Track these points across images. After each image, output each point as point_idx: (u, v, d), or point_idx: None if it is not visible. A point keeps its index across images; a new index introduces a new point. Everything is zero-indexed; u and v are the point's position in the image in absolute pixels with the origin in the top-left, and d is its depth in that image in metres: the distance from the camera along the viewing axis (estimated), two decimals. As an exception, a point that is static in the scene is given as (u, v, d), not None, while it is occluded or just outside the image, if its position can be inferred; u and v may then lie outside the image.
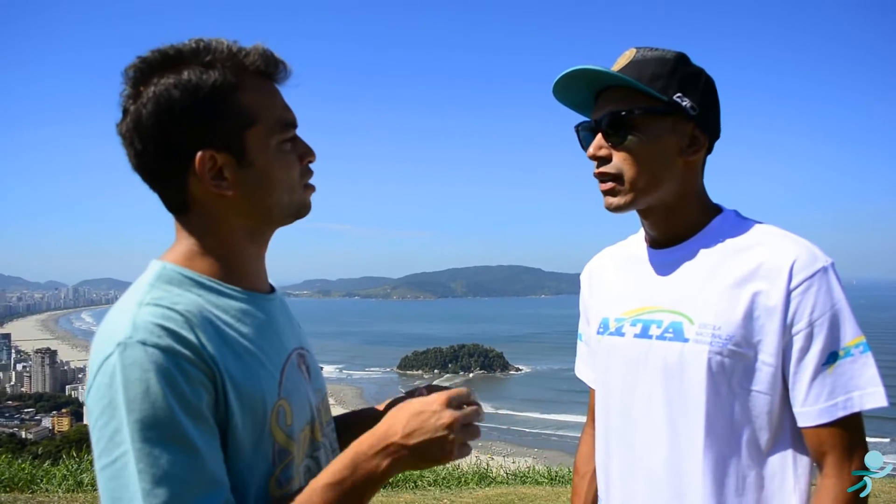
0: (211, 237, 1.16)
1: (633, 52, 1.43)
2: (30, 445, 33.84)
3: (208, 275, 1.14)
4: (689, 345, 1.38)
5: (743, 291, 1.35)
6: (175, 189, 1.14)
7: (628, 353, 1.49)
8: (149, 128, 1.09)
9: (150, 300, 1.05)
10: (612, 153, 1.42)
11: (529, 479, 7.07)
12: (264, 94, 1.17)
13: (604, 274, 1.69)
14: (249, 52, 1.15)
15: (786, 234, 1.40)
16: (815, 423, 1.32)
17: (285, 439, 1.12)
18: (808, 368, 1.31)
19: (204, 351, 1.01)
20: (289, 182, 1.19)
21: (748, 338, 1.34)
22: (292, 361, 1.22)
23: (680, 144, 1.42)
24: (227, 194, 1.13)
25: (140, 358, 0.95)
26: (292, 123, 1.21)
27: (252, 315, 1.16)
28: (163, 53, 1.11)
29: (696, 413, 1.36)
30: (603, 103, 1.44)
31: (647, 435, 1.44)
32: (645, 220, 1.52)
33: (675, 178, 1.43)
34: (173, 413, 0.94)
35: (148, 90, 1.09)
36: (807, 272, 1.31)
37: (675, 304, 1.43)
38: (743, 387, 1.35)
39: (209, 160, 1.11)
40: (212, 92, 1.10)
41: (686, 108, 1.39)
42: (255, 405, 1.07)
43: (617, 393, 1.52)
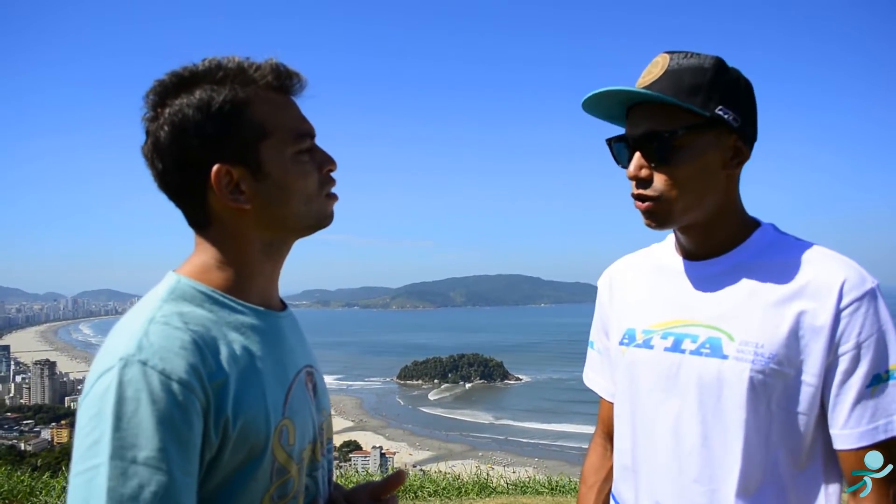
0: (228, 251, 1.18)
1: (667, 60, 1.35)
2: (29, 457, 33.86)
3: (222, 289, 1.16)
4: (728, 362, 1.33)
5: (788, 310, 1.31)
6: (195, 205, 1.17)
7: (657, 367, 1.44)
8: (166, 147, 1.13)
9: (161, 317, 1.06)
10: (653, 173, 1.36)
11: (530, 489, 7.03)
12: (276, 107, 1.19)
13: (627, 282, 1.62)
14: (260, 67, 1.18)
15: (832, 254, 1.37)
16: (855, 445, 1.28)
17: (286, 458, 1.13)
18: (851, 390, 1.28)
19: (206, 376, 1.03)
20: (306, 192, 1.20)
21: (791, 357, 1.30)
22: (300, 380, 1.23)
23: (723, 158, 1.36)
24: (245, 208, 1.16)
25: (138, 378, 0.97)
26: (308, 133, 1.22)
27: (263, 332, 1.18)
28: (178, 76, 1.15)
29: (734, 432, 1.33)
30: (639, 119, 1.37)
31: (676, 452, 1.40)
32: (682, 235, 1.47)
33: (718, 192, 1.38)
34: (157, 439, 0.95)
35: (164, 112, 1.13)
36: (857, 293, 1.29)
37: (712, 319, 1.38)
38: (781, 406, 1.32)
39: (225, 174, 1.13)
40: (223, 107, 1.13)
41: (729, 120, 1.33)
42: (258, 425, 1.08)
43: (642, 408, 1.47)
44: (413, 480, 7.10)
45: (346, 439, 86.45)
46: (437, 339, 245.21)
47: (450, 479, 7.29)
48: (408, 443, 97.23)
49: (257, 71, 1.17)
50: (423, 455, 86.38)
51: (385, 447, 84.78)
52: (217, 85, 1.15)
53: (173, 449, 0.96)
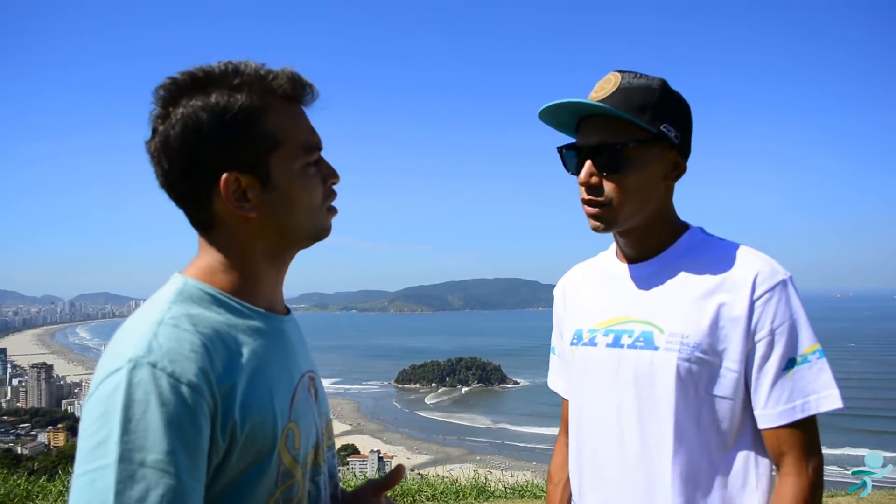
0: (234, 256, 1.18)
1: (618, 78, 1.49)
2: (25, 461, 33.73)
3: (229, 292, 1.16)
4: (659, 353, 1.46)
5: (709, 302, 1.45)
6: (200, 208, 1.17)
7: (601, 362, 1.56)
8: (176, 148, 1.12)
9: (170, 319, 1.06)
10: (602, 181, 1.48)
11: (528, 492, 7.02)
12: (289, 118, 1.19)
13: (577, 288, 1.76)
14: (277, 76, 1.17)
15: (750, 250, 1.50)
16: (775, 424, 1.41)
17: (291, 462, 1.13)
18: (768, 374, 1.41)
19: (214, 379, 1.03)
20: (310, 205, 1.21)
21: (714, 346, 1.43)
22: (303, 384, 1.23)
23: (664, 171, 1.51)
24: (251, 216, 1.16)
25: (147, 380, 0.97)
26: (317, 146, 1.23)
27: (269, 336, 1.18)
28: (192, 75, 1.14)
29: (666, 417, 1.44)
30: (591, 130, 1.50)
31: (618, 440, 1.51)
32: (622, 238, 1.60)
33: (657, 200, 1.53)
34: (166, 442, 0.95)
35: (177, 111, 1.12)
36: (768, 284, 1.42)
37: (645, 314, 1.52)
38: (708, 392, 1.44)
39: (234, 182, 1.13)
40: (238, 115, 1.12)
41: (671, 137, 1.48)
42: (265, 428, 1.08)
43: (590, 401, 1.59)
44: (411, 484, 7.09)
45: (343, 443, 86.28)
46: (434, 342, 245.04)
47: (447, 482, 7.29)
48: (405, 447, 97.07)
49: (274, 80, 1.17)
50: (421, 459, 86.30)
51: (383, 451, 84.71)
52: (233, 90, 1.14)
53: (181, 452, 0.96)
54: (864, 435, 78.92)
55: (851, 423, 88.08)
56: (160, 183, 1.17)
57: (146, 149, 1.17)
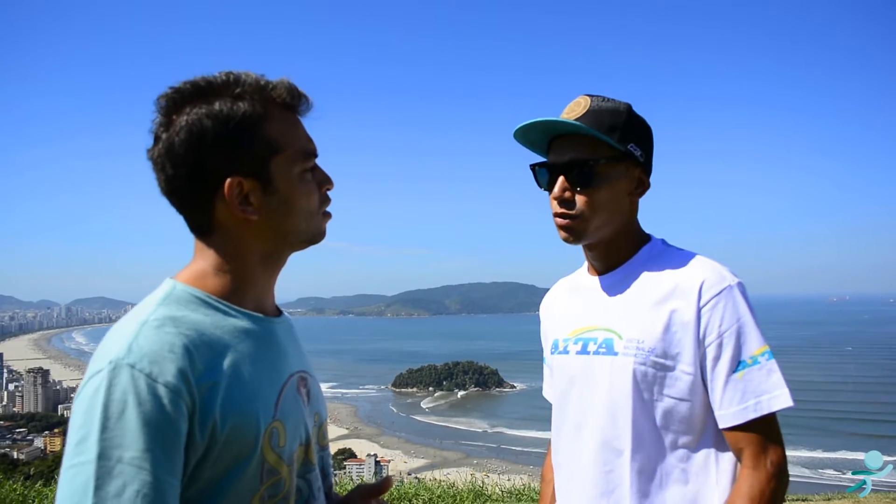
0: (228, 259, 1.22)
1: (588, 101, 1.61)
2: (21, 466, 33.58)
3: (218, 295, 1.20)
4: (618, 358, 1.56)
5: (662, 309, 1.54)
6: (202, 212, 1.21)
7: (571, 369, 1.68)
8: (181, 154, 1.15)
9: (153, 320, 1.09)
10: (575, 196, 1.59)
11: (525, 496, 7.01)
12: (288, 125, 1.25)
13: (557, 302, 1.88)
14: (276, 86, 1.23)
15: (701, 259, 1.60)
16: (731, 424, 1.49)
17: (276, 459, 1.15)
18: (720, 376, 1.49)
19: (194, 379, 1.05)
20: (308, 209, 1.26)
21: (667, 350, 1.52)
22: (292, 384, 1.26)
23: (630, 187, 1.63)
24: (252, 219, 1.20)
25: (125, 381, 1.00)
26: (313, 153, 1.28)
27: (256, 336, 1.21)
28: (195, 85, 1.18)
29: (624, 419, 1.54)
30: (563, 148, 1.62)
31: (585, 442, 1.61)
32: (589, 251, 1.71)
33: (623, 215, 1.64)
34: (142, 440, 0.98)
35: (180, 119, 1.16)
36: (714, 290, 1.50)
37: (607, 322, 1.63)
38: (664, 394, 1.53)
39: (237, 186, 1.17)
40: (241, 122, 1.17)
41: (637, 156, 1.61)
42: (247, 427, 1.10)
43: (564, 405, 1.70)
44: (408, 488, 7.07)
45: (340, 447, 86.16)
46: (431, 346, 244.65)
47: (444, 486, 7.27)
48: (402, 450, 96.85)
49: (273, 90, 1.22)
50: (418, 463, 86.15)
51: (380, 455, 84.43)
52: (235, 99, 1.18)
53: (158, 450, 0.99)
54: (860, 439, 78.83)
55: (848, 428, 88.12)
56: (163, 189, 1.20)
57: (148, 156, 1.20)
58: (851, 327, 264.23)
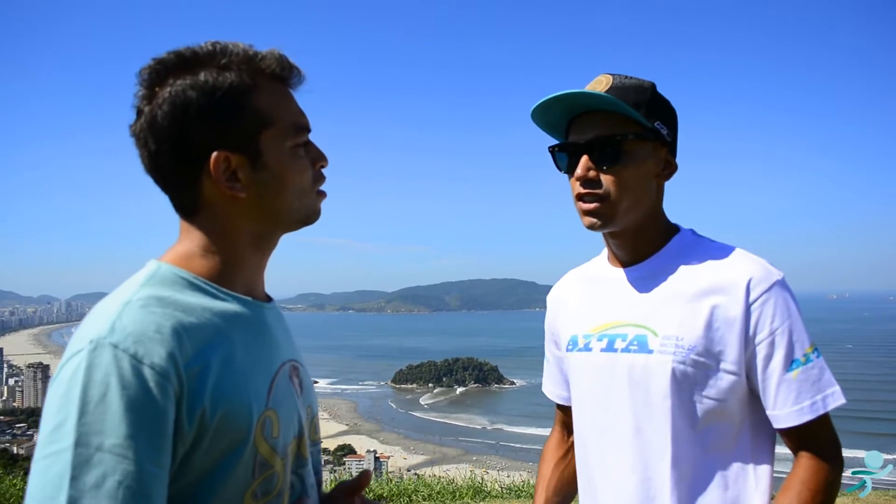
0: (216, 240, 1.15)
1: (610, 79, 1.50)
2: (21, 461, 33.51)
3: (205, 277, 1.12)
4: (653, 356, 1.47)
5: (703, 304, 1.45)
6: (187, 190, 1.14)
7: (595, 367, 1.57)
8: (164, 128, 1.08)
9: (138, 299, 1.02)
10: (600, 175, 1.48)
11: (524, 493, 7.02)
12: (279, 98, 1.17)
13: (570, 295, 1.77)
14: (265, 56, 1.16)
15: (741, 252, 1.52)
16: (788, 424, 1.42)
17: (269, 451, 1.09)
18: (773, 376, 1.42)
19: (182, 362, 0.98)
20: (301, 186, 1.19)
21: (709, 348, 1.43)
22: (284, 372, 1.19)
23: (657, 168, 1.53)
24: (240, 196, 1.13)
25: (108, 361, 0.93)
26: (306, 127, 1.21)
27: (246, 320, 1.14)
28: (178, 55, 1.11)
29: (662, 421, 1.45)
30: (586, 126, 1.50)
31: (616, 444, 1.52)
32: (614, 240, 1.60)
33: (650, 199, 1.53)
34: (125, 425, 0.90)
35: (164, 91, 1.09)
36: (763, 286, 1.43)
37: (639, 318, 1.52)
38: (705, 394, 1.44)
39: (224, 161, 1.11)
40: (228, 93, 1.10)
41: (664, 135, 1.51)
42: (239, 415, 1.03)
43: (588, 406, 1.61)
44: (408, 484, 7.11)
45: (340, 443, 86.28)
46: (431, 343, 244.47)
47: (444, 483, 7.31)
48: (402, 447, 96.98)
49: (262, 60, 1.15)
50: (418, 459, 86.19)
51: (379, 451, 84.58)
52: (221, 69, 1.11)
53: (142, 437, 0.91)
54: (861, 437, 78.74)
55: (848, 426, 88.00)
56: (146, 166, 1.14)
57: (130, 132, 1.13)
58: (852, 325, 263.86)
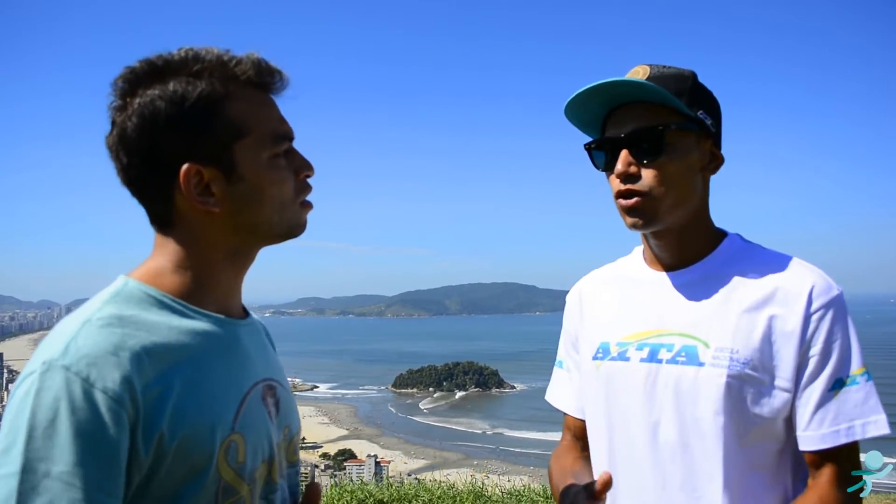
0: (189, 255, 1.11)
1: (648, 69, 1.39)
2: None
3: (175, 294, 1.08)
4: (704, 369, 1.35)
5: (760, 315, 1.34)
6: (160, 204, 1.10)
7: (634, 379, 1.44)
8: (133, 140, 1.05)
9: (98, 318, 0.99)
10: (641, 170, 1.38)
11: (525, 497, 7.00)
12: (255, 105, 1.12)
13: (597, 297, 1.63)
14: (241, 61, 1.11)
15: (799, 261, 1.41)
16: (816, 447, 1.32)
17: (233, 476, 1.04)
18: (814, 393, 1.32)
19: (140, 386, 0.94)
20: (280, 198, 1.14)
21: (765, 362, 1.33)
22: (255, 393, 1.13)
23: (702, 161, 1.42)
24: (214, 211, 1.09)
25: (58, 384, 0.90)
26: (287, 136, 1.15)
27: (216, 340, 1.10)
28: (150, 64, 1.08)
29: (713, 438, 1.34)
30: (625, 119, 1.40)
31: (657, 461, 1.40)
32: (657, 241, 1.48)
33: (696, 195, 1.42)
34: (73, 452, 0.87)
35: (134, 102, 1.06)
36: (824, 299, 1.32)
37: (687, 327, 1.40)
38: (756, 412, 1.34)
39: (195, 175, 1.07)
40: (198, 102, 1.06)
41: (709, 125, 1.40)
42: (200, 440, 0.99)
43: (620, 421, 1.46)
44: (408, 489, 7.09)
45: (340, 448, 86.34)
46: (431, 347, 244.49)
47: (444, 487, 7.28)
48: (402, 451, 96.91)
49: (238, 65, 1.10)
50: (418, 464, 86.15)
51: (380, 456, 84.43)
52: (193, 77, 1.07)
53: (91, 464, 0.88)
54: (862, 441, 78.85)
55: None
56: (121, 179, 1.11)
57: (105, 143, 1.10)
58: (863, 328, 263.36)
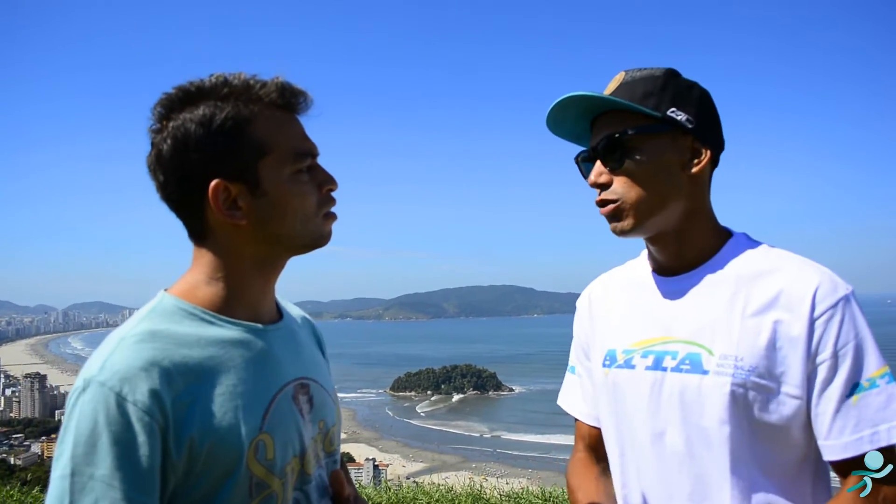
0: (221, 266, 1.21)
1: (623, 75, 1.41)
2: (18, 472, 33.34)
3: (207, 306, 1.19)
4: (709, 377, 1.32)
5: (764, 321, 1.30)
6: (194, 218, 1.21)
7: (639, 387, 1.42)
8: (168, 160, 1.16)
9: (132, 336, 1.09)
10: (612, 178, 1.39)
11: (524, 499, 6.99)
12: (278, 125, 1.21)
13: (606, 303, 1.60)
14: (266, 85, 1.20)
15: (804, 261, 1.36)
16: (841, 456, 1.26)
17: (264, 472, 1.13)
18: (831, 400, 1.26)
19: (169, 397, 1.05)
20: (303, 211, 1.22)
21: (771, 369, 1.29)
22: (286, 394, 1.22)
23: (681, 160, 1.38)
24: (241, 223, 1.18)
25: (96, 398, 1.02)
26: (309, 153, 1.24)
27: (245, 346, 1.19)
28: (184, 90, 1.19)
29: (720, 447, 1.31)
30: (598, 130, 1.41)
31: (664, 471, 1.38)
32: (653, 245, 1.46)
33: (681, 195, 1.39)
34: (111, 458, 1.00)
35: (169, 125, 1.17)
36: (830, 301, 1.27)
37: (691, 334, 1.38)
38: (766, 419, 1.30)
39: (223, 190, 1.16)
40: (224, 124, 1.16)
41: (682, 121, 1.36)
42: (229, 443, 1.09)
43: (628, 429, 1.45)
44: (406, 492, 7.07)
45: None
46: (430, 350, 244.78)
47: (443, 490, 7.26)
48: (401, 454, 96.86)
49: (262, 89, 1.20)
50: (417, 467, 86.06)
51: (378, 459, 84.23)
52: (221, 101, 1.17)
53: (128, 468, 1.01)
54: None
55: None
56: (160, 196, 1.22)
57: (146, 164, 1.22)
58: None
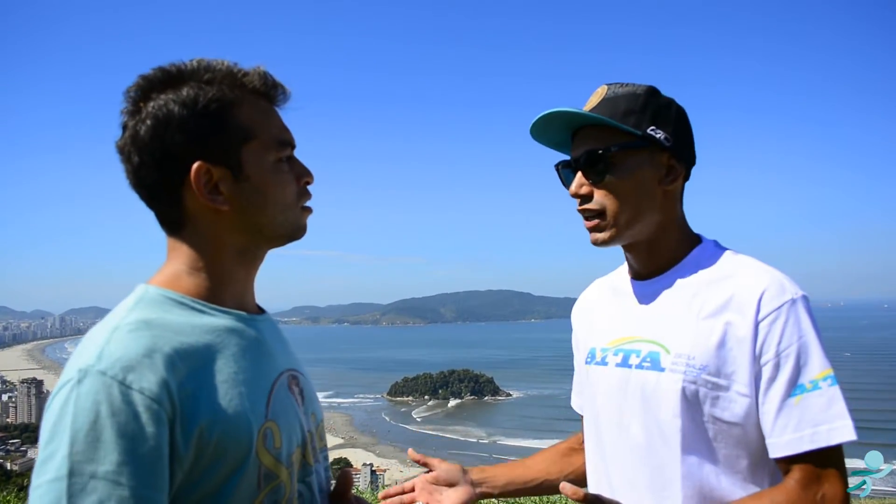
0: (201, 256, 1.17)
1: (605, 90, 1.48)
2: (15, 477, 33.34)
3: (193, 295, 1.14)
4: (665, 374, 1.41)
5: (716, 322, 1.38)
6: (171, 204, 1.15)
7: (610, 382, 1.52)
8: (146, 141, 1.11)
9: (127, 324, 1.03)
10: (594, 190, 1.46)
11: (521, 505, 7.00)
12: (261, 112, 1.20)
13: (593, 306, 1.73)
14: (249, 73, 1.19)
15: (759, 266, 1.43)
16: (782, 454, 1.32)
17: (273, 462, 1.10)
18: (774, 399, 1.33)
19: (175, 385, 0.99)
20: (283, 201, 1.20)
21: (721, 368, 1.36)
22: (282, 382, 1.20)
23: (658, 175, 1.46)
24: (223, 209, 1.15)
25: (96, 388, 0.94)
26: (289, 143, 1.23)
27: (239, 334, 1.15)
28: (164, 71, 1.14)
29: (674, 441, 1.39)
30: (580, 142, 1.49)
31: (630, 460, 1.47)
32: (628, 253, 1.56)
33: (656, 208, 1.47)
34: (117, 452, 0.92)
35: (147, 106, 1.12)
36: (775, 303, 1.34)
37: (653, 334, 1.47)
38: (717, 416, 1.37)
39: (205, 173, 1.12)
40: (209, 106, 1.13)
41: (660, 139, 1.44)
42: (238, 430, 1.04)
43: (602, 423, 1.55)
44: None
45: (336, 456, 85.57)
46: (427, 355, 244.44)
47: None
48: (398, 459, 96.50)
49: (245, 76, 1.18)
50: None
51: (376, 464, 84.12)
52: (205, 84, 1.15)
53: (135, 463, 0.93)
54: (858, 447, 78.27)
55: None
56: (130, 181, 1.16)
57: (115, 147, 1.16)
58: (849, 333, 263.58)
